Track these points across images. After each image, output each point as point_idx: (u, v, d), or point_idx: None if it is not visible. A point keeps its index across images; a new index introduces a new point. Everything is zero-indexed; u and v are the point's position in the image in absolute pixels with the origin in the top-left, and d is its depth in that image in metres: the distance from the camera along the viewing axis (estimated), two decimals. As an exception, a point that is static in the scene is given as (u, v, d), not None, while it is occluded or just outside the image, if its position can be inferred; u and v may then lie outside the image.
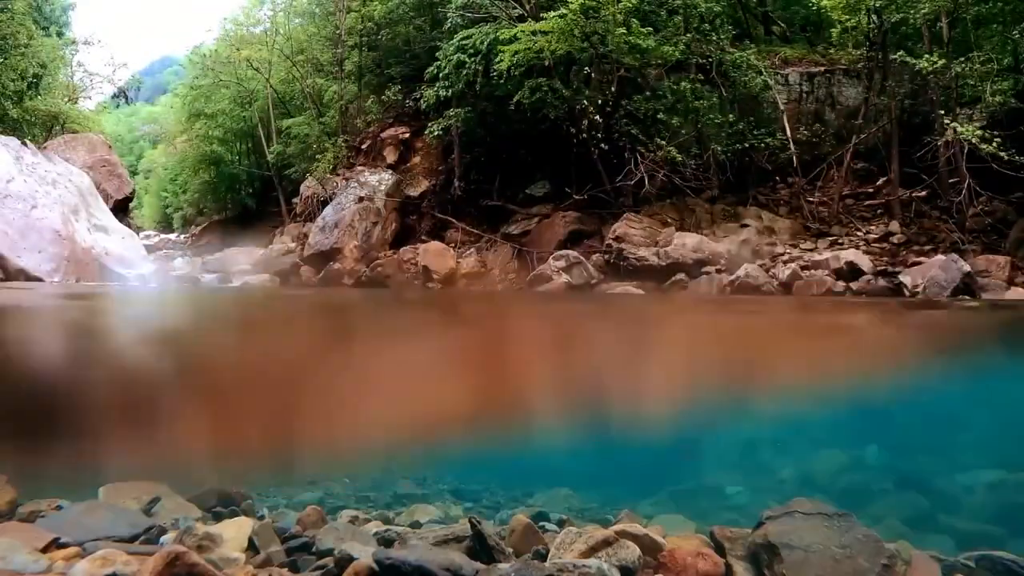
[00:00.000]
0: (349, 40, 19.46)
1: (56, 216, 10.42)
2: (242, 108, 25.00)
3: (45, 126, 21.45)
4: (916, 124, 12.91)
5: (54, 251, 9.98)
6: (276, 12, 24.79)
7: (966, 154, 10.92)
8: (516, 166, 15.55)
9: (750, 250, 12.14)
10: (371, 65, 19.30)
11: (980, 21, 11.89)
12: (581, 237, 13.78)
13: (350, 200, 16.23)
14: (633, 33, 12.49)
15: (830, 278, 10.61)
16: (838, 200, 12.95)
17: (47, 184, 10.98)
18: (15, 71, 19.57)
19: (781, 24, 17.41)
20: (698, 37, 13.36)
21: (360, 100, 19.58)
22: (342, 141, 18.30)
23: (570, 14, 12.24)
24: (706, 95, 13.13)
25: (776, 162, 13.49)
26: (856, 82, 14.28)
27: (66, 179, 11.71)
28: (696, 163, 13.35)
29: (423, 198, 16.56)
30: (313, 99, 22.14)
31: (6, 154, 10.83)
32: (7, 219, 9.85)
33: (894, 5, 12.05)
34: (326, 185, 17.61)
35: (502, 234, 14.80)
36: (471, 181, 15.96)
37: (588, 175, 13.92)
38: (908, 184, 12.60)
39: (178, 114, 29.89)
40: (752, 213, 13.00)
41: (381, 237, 15.93)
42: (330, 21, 21.09)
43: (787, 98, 14.14)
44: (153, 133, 40.88)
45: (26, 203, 10.25)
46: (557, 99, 13.26)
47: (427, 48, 16.70)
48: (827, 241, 12.24)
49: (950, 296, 9.37)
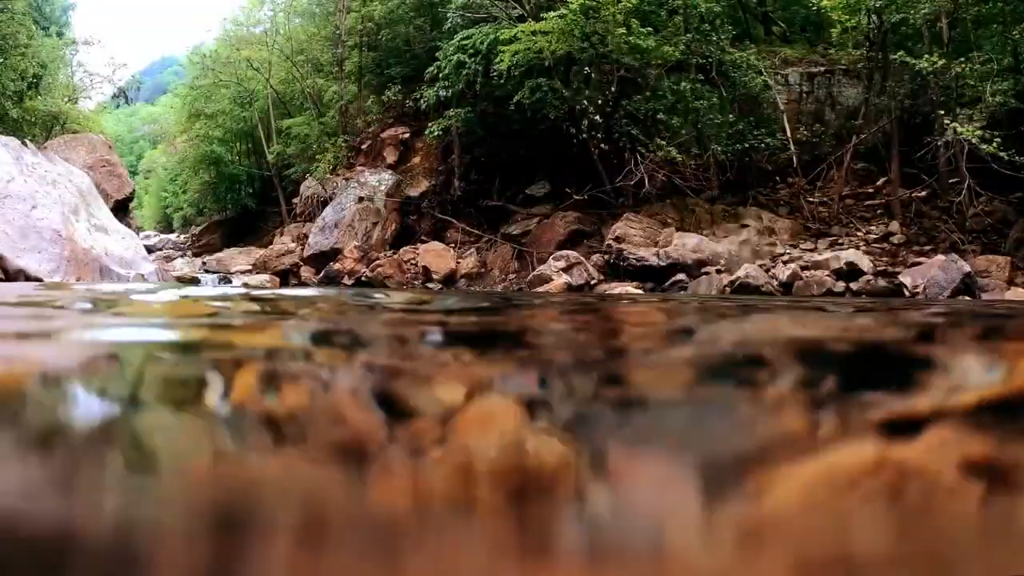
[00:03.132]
0: (349, 40, 19.46)
1: (56, 216, 10.42)
2: (242, 108, 25.00)
3: (45, 126, 21.45)
4: (916, 124, 12.91)
5: (54, 251, 9.98)
6: (276, 12, 24.81)
7: (966, 154, 10.92)
8: (516, 166, 15.55)
9: (750, 250, 12.14)
10: (371, 65, 19.30)
11: (980, 21, 11.89)
12: (581, 237, 13.78)
13: (350, 200, 16.23)
14: (633, 33, 12.49)
15: (830, 278, 10.61)
16: (838, 200, 12.95)
17: (47, 184, 10.98)
18: (15, 71, 19.57)
19: (781, 24, 17.41)
20: (698, 37, 13.36)
21: (360, 100, 19.59)
22: (342, 141, 18.30)
23: (570, 14, 12.24)
24: (706, 95, 13.13)
25: (776, 162, 13.49)
26: (856, 82, 14.28)
27: (66, 179, 11.71)
28: (696, 163, 13.35)
29: (423, 198, 16.57)
30: (313, 99, 22.14)
31: (6, 154, 10.83)
32: (7, 219, 9.85)
33: (894, 5, 12.05)
34: (326, 185, 17.61)
35: (502, 234, 14.80)
36: (471, 181, 15.96)
37: (588, 175, 13.92)
38: (908, 184, 12.60)
39: (178, 114, 29.88)
40: (752, 213, 13.00)
41: (381, 237, 15.93)
42: (330, 21, 21.09)
43: (787, 98, 14.14)
44: (153, 133, 40.90)
45: (26, 203, 10.25)
46: (557, 99, 13.26)
47: (427, 48, 16.70)
48: (827, 241, 12.24)
49: (950, 296, 9.38)
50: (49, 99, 21.95)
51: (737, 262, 11.55)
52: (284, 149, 21.12)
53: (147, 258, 12.91)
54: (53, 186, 11.09)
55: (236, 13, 24.98)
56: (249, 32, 24.68)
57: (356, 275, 14.04)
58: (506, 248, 14.36)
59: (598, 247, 13.07)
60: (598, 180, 13.77)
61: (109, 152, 18.97)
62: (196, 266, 18.33)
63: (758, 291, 10.46)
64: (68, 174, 12.07)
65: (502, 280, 13.58)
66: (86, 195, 12.07)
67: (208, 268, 17.37)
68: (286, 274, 15.81)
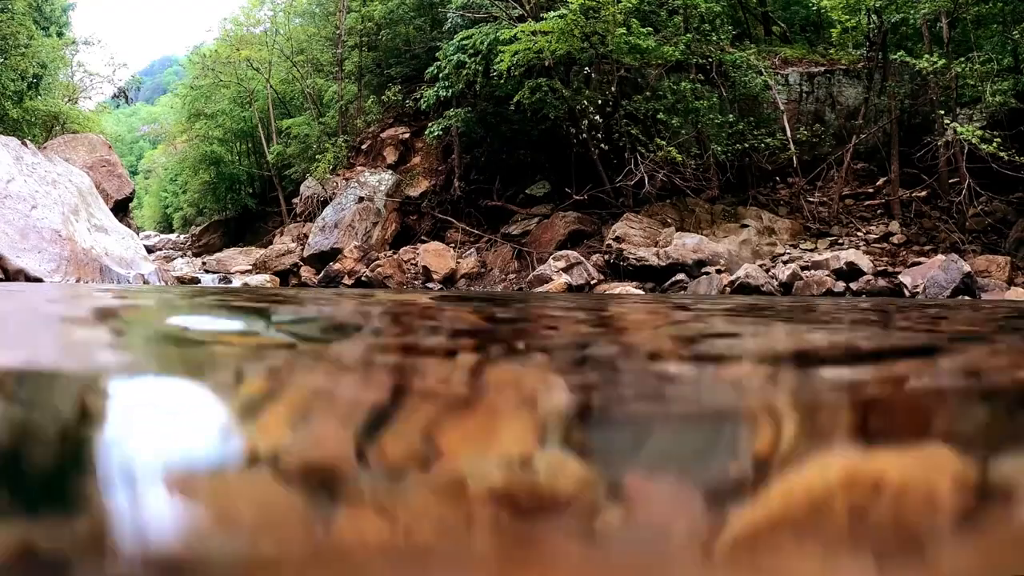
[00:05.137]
0: (349, 40, 19.47)
1: (56, 216, 10.43)
2: (242, 108, 25.02)
3: (45, 126, 21.46)
4: (916, 124, 12.93)
5: (54, 251, 9.98)
6: (276, 12, 24.80)
7: (966, 154, 10.93)
8: (516, 166, 15.56)
9: (750, 250, 12.14)
10: (371, 65, 19.31)
11: (980, 21, 11.89)
12: (581, 237, 13.79)
13: (350, 200, 16.23)
14: (633, 33, 12.49)
15: (830, 278, 10.61)
16: (838, 200, 12.96)
17: (47, 184, 10.98)
18: (15, 71, 19.59)
19: (781, 24, 17.42)
20: (698, 37, 13.36)
21: (360, 100, 19.60)
22: (342, 141, 18.30)
23: (570, 14, 12.24)
24: (706, 95, 13.13)
25: (776, 162, 13.49)
26: (856, 82, 14.29)
27: (66, 179, 11.71)
28: (696, 163, 13.35)
29: (423, 198, 16.57)
30: (313, 99, 22.16)
31: (6, 154, 10.84)
32: (7, 219, 9.85)
33: (894, 5, 12.05)
34: (326, 185, 17.62)
35: (502, 234, 14.80)
36: (471, 181, 15.97)
37: (588, 175, 13.92)
38: (908, 184, 12.61)
39: (178, 114, 29.89)
40: (752, 213, 13.01)
41: (381, 237, 15.93)
42: (330, 21, 21.10)
43: (787, 98, 14.13)
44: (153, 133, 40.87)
45: (26, 203, 10.26)
46: (557, 99, 13.26)
47: (427, 48, 16.71)
48: (827, 241, 12.24)
49: (950, 296, 9.37)
50: (49, 99, 21.98)
51: (737, 262, 11.56)
52: (284, 149, 21.13)
53: (147, 258, 12.91)
54: (53, 186, 11.09)
55: (236, 13, 24.95)
56: (249, 32, 24.66)
57: (356, 275, 14.03)
58: (506, 248, 14.37)
59: (598, 247, 13.07)
60: (598, 180, 13.78)
61: (109, 152, 18.96)
62: (196, 266, 18.34)
63: (758, 291, 10.46)
64: (68, 174, 12.07)
65: (502, 280, 13.58)
66: (86, 195, 12.07)
67: (208, 268, 17.38)
68: (286, 274, 15.81)
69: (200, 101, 25.89)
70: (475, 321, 3.45)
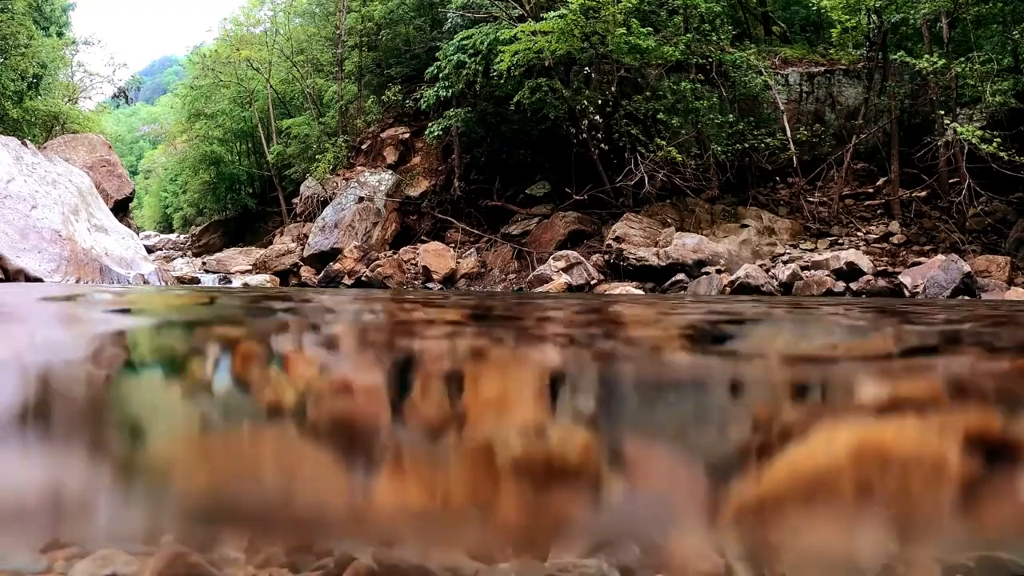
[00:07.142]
0: (349, 40, 19.47)
1: (56, 216, 10.42)
2: (242, 108, 25.01)
3: (45, 126, 21.45)
4: (916, 124, 12.92)
5: (54, 251, 9.97)
6: (276, 12, 24.80)
7: (966, 154, 10.93)
8: (516, 166, 15.56)
9: (750, 250, 12.14)
10: (371, 65, 19.31)
11: (980, 21, 11.89)
12: (581, 237, 13.79)
13: (350, 200, 16.23)
14: (633, 33, 12.49)
15: (830, 278, 10.61)
16: (838, 200, 12.96)
17: (47, 184, 10.97)
18: (15, 71, 19.58)
19: (781, 24, 17.42)
20: (698, 37, 13.35)
21: (360, 100, 19.60)
22: (342, 141, 18.30)
23: (570, 14, 12.23)
24: (706, 95, 13.13)
25: (776, 162, 13.49)
26: (856, 82, 14.28)
27: (66, 179, 11.70)
28: (696, 163, 13.34)
29: (423, 198, 16.57)
30: (313, 99, 22.15)
31: (6, 154, 10.83)
32: (7, 219, 9.84)
33: (894, 5, 12.05)
34: (326, 185, 17.61)
35: (502, 234, 14.80)
36: (471, 181, 15.96)
37: (588, 175, 13.92)
38: (908, 184, 12.60)
39: (178, 114, 29.88)
40: (752, 213, 13.01)
41: (381, 237, 15.93)
42: (330, 21, 21.09)
43: (787, 98, 14.13)
44: (153, 133, 40.85)
45: (26, 203, 10.25)
46: (557, 99, 13.26)
47: (427, 48, 16.71)
48: (827, 241, 12.24)
49: (950, 296, 9.37)
50: (49, 99, 21.96)
51: (737, 262, 11.55)
52: (284, 149, 21.12)
53: (147, 258, 12.90)
54: (53, 186, 11.08)
55: (236, 13, 24.95)
56: (249, 32, 24.65)
57: (356, 275, 14.03)
58: (506, 248, 14.37)
59: (598, 247, 13.07)
60: (598, 180, 13.77)
61: (109, 152, 18.94)
62: (196, 266, 18.34)
63: (758, 291, 10.46)
64: (68, 174, 12.07)
65: (502, 280, 13.58)
66: (86, 195, 12.06)
67: (208, 268, 17.38)
68: (286, 274, 15.80)
69: (200, 101, 25.88)
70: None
